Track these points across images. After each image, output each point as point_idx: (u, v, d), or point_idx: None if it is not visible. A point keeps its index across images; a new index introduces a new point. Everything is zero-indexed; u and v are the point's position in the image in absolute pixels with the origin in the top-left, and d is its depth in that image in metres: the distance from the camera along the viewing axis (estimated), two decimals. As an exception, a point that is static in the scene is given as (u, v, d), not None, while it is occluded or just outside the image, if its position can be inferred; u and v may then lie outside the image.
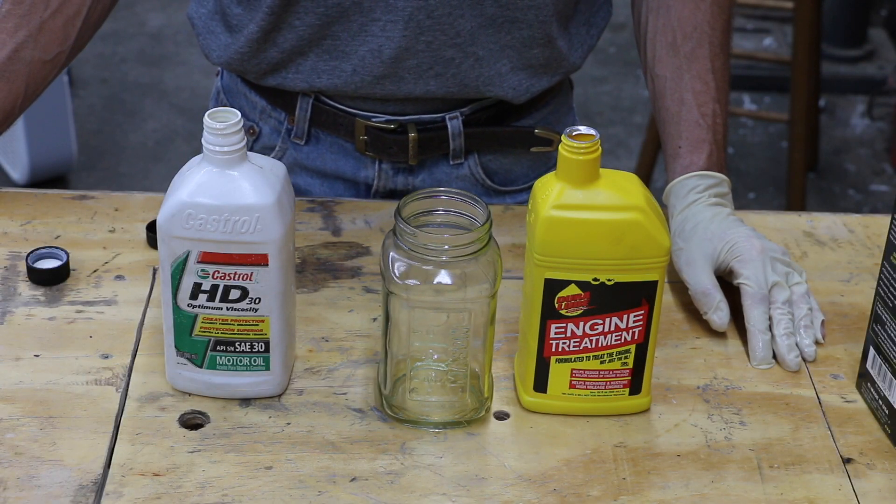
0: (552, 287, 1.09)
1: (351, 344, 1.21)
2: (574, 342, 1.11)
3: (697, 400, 1.17)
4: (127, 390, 1.14)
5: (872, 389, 1.16)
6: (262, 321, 1.10)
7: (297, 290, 1.26)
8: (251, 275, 1.07)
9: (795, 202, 3.20)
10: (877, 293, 1.15)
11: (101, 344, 1.19)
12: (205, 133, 1.06)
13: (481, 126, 1.41)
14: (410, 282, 1.06)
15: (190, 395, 1.14)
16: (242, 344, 1.11)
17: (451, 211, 1.10)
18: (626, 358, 1.12)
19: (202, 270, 1.07)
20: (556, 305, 1.09)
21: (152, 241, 1.31)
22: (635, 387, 1.14)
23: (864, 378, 1.18)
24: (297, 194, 1.41)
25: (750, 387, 1.19)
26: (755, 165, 3.65)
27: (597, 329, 1.10)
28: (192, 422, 1.12)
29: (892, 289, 1.12)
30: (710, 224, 1.26)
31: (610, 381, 1.13)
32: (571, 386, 1.13)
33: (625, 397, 1.14)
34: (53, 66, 1.35)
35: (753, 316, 1.21)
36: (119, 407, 1.12)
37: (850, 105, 3.91)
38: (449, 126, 1.39)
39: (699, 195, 1.30)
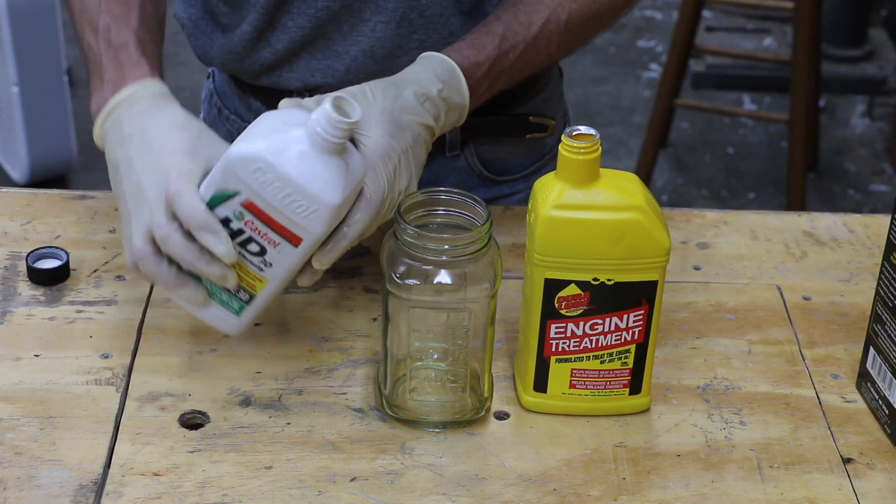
0: (552, 287, 1.09)
1: (351, 344, 1.21)
2: (574, 342, 1.11)
3: (697, 400, 1.17)
4: (127, 390, 1.14)
5: (872, 389, 1.16)
6: (261, 281, 1.09)
7: (297, 290, 1.26)
8: (278, 243, 1.07)
9: (795, 202, 3.20)
10: (877, 293, 1.15)
11: (101, 344, 1.19)
12: (320, 113, 1.04)
13: (475, 115, 1.41)
14: (410, 282, 1.06)
15: (190, 394, 1.14)
16: (238, 287, 1.10)
17: (451, 211, 1.10)
18: (626, 358, 1.12)
19: (240, 213, 1.06)
20: (556, 305, 1.09)
21: (152, 241, 1.31)
22: (635, 387, 1.14)
23: (864, 378, 1.18)
24: None
25: (750, 387, 1.19)
26: (755, 165, 3.65)
27: (597, 329, 1.10)
28: (192, 422, 1.12)
29: (892, 289, 1.12)
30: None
31: (610, 381, 1.13)
32: (571, 386, 1.13)
33: (625, 397, 1.14)
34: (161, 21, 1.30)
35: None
36: (119, 407, 1.12)
37: (850, 105, 3.91)
38: None
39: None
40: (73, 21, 1.27)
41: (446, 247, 1.06)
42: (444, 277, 1.06)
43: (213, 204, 1.06)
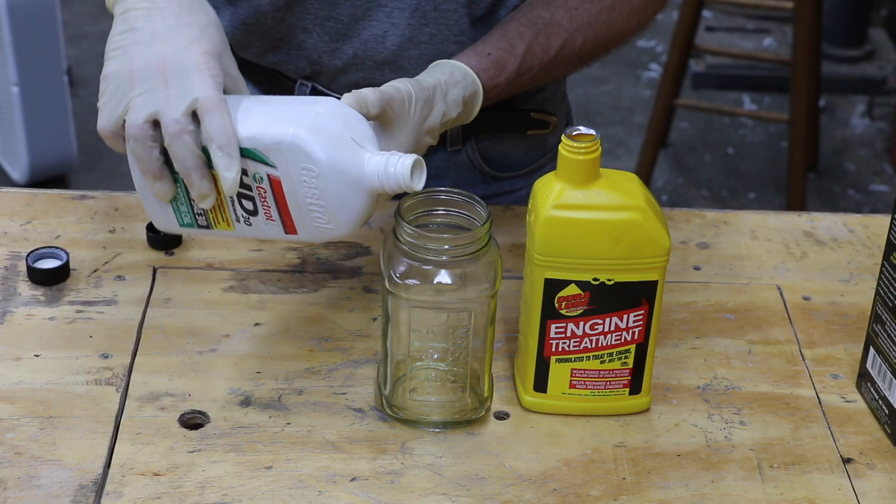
0: (552, 287, 1.09)
1: (351, 344, 1.21)
2: (574, 342, 1.11)
3: (697, 400, 1.17)
4: (127, 390, 1.14)
5: (872, 389, 1.16)
6: (228, 226, 1.10)
7: (297, 290, 1.26)
8: (274, 220, 1.07)
9: (795, 202, 3.21)
10: (877, 293, 1.15)
11: (101, 344, 1.19)
12: (393, 169, 1.03)
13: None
14: (410, 282, 1.06)
15: (190, 394, 1.14)
16: (203, 211, 1.10)
17: (451, 211, 1.10)
18: (626, 358, 1.12)
19: (260, 178, 1.06)
20: (556, 305, 1.09)
21: (152, 241, 1.31)
22: (635, 387, 1.14)
23: (864, 378, 1.18)
24: None
25: (750, 387, 1.19)
26: (755, 165, 3.65)
27: (597, 329, 1.10)
28: (192, 422, 1.12)
29: (891, 289, 1.12)
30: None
31: (610, 381, 1.13)
32: (571, 386, 1.13)
33: (625, 397, 1.14)
34: None
35: None
36: (119, 407, 1.12)
37: (850, 105, 3.91)
38: None
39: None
40: None
41: (446, 247, 1.06)
42: (444, 277, 1.06)
43: (245, 152, 1.05)
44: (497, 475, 1.08)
